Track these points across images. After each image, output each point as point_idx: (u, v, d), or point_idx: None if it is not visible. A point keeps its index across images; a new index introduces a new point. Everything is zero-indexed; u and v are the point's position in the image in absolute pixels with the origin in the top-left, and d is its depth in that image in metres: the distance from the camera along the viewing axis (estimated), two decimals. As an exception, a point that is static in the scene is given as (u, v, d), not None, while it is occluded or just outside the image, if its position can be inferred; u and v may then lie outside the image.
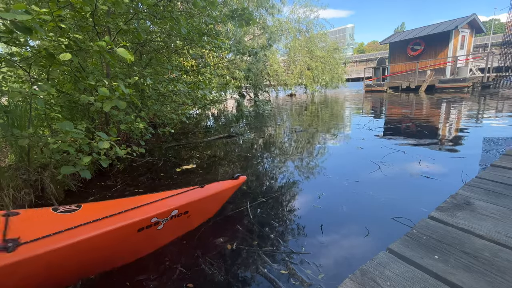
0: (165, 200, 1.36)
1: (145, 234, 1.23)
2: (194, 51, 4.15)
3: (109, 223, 1.10)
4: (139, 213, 1.21)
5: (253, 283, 1.13)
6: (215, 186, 1.61)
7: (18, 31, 1.29)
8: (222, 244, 1.39)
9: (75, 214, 1.15)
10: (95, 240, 1.04)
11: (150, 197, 1.38)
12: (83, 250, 1.03)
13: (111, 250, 1.16)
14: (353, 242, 1.38)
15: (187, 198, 1.42)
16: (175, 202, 1.36)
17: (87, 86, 2.14)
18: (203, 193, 1.51)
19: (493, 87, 11.86)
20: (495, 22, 45.29)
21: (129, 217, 1.17)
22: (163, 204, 1.32)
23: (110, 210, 1.19)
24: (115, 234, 1.11)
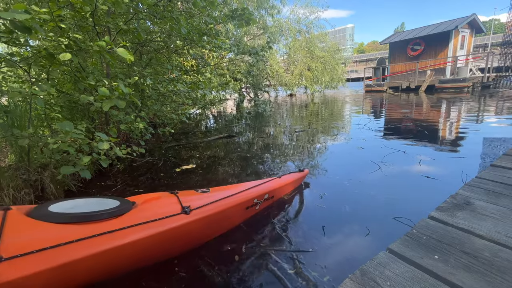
0: (258, 186, 1.69)
1: (247, 212, 1.60)
2: (194, 51, 4.16)
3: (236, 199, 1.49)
4: (246, 195, 1.56)
5: (258, 281, 1.13)
6: (288, 177, 1.99)
7: (17, 31, 1.29)
8: (228, 242, 1.39)
9: (210, 194, 1.49)
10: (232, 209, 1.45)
11: (247, 184, 1.73)
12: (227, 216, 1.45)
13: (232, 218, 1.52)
14: (353, 241, 1.38)
15: (272, 185, 1.77)
16: (265, 188, 1.70)
17: (87, 86, 2.14)
18: (281, 182, 1.87)
19: (493, 87, 11.86)
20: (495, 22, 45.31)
21: (242, 197, 1.52)
22: (258, 189, 1.66)
23: (229, 192, 1.52)
24: (238, 208, 1.50)
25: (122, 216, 1.11)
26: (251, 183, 1.73)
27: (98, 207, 1.10)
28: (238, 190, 1.58)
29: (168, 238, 1.16)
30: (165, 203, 1.31)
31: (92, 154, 1.75)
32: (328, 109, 8.05)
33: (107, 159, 1.83)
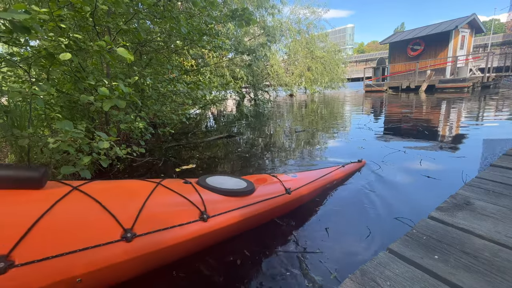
0: (332, 173, 2.03)
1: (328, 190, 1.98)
2: (194, 51, 4.16)
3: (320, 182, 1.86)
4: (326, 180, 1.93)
5: (259, 281, 1.13)
6: (351, 166, 2.32)
7: (16, 31, 1.29)
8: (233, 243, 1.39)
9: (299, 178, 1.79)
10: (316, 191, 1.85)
11: (323, 171, 2.04)
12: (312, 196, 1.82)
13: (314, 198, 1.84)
14: (353, 241, 1.38)
15: (338, 174, 2.10)
16: (335, 175, 2.05)
17: (87, 86, 2.14)
18: (346, 170, 2.21)
19: (493, 87, 11.86)
20: (495, 22, 45.32)
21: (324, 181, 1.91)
22: (332, 175, 2.01)
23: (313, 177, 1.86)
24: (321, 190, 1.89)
25: (253, 193, 1.45)
26: (326, 170, 2.06)
27: (238, 185, 1.45)
28: (320, 174, 1.94)
29: (277, 211, 1.54)
30: (272, 185, 1.62)
31: (92, 154, 1.75)
32: (328, 109, 8.05)
33: (107, 159, 1.83)
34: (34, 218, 0.83)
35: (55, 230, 0.85)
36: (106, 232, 0.92)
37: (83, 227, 0.90)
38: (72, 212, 0.92)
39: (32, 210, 0.86)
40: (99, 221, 0.93)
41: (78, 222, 0.91)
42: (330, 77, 13.85)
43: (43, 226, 0.83)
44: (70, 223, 0.89)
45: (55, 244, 0.82)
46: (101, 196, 1.00)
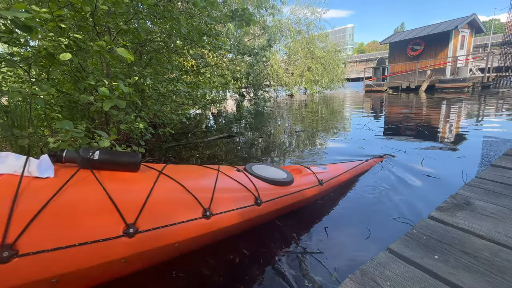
0: (358, 166, 2.23)
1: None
2: (194, 51, 4.15)
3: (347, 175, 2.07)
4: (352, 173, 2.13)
5: (259, 281, 1.13)
6: (371, 161, 2.47)
7: (19, 30, 1.29)
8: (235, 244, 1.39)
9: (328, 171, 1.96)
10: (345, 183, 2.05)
11: (349, 164, 2.23)
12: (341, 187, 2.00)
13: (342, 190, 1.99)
14: (353, 241, 1.39)
15: (362, 168, 2.29)
16: (360, 169, 2.25)
17: (87, 86, 2.14)
18: (368, 165, 2.39)
19: (493, 87, 11.86)
20: (495, 22, 45.33)
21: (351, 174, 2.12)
22: (357, 169, 2.21)
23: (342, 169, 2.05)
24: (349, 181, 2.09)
25: (293, 183, 1.59)
26: (351, 164, 2.24)
27: (280, 175, 1.60)
28: (346, 168, 2.10)
29: (311, 200, 1.72)
30: (307, 176, 1.77)
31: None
32: (328, 109, 8.05)
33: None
34: (146, 194, 1.00)
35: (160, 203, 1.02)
36: (190, 210, 1.08)
37: (173, 204, 1.07)
38: (166, 191, 1.09)
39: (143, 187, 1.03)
40: (183, 201, 1.10)
41: (171, 200, 1.08)
42: (330, 77, 13.86)
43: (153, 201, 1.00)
44: (167, 200, 1.06)
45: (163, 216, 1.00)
46: (182, 179, 1.17)
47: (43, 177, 0.88)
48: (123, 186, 1.01)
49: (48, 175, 0.89)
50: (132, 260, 0.91)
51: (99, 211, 0.87)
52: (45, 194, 0.82)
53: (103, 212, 0.87)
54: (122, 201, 0.93)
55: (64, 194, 0.85)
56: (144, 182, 1.07)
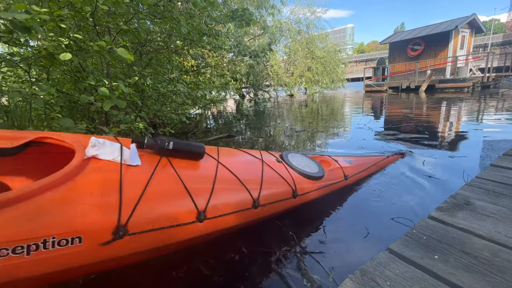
0: (383, 161, 2.36)
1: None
2: (194, 51, 4.16)
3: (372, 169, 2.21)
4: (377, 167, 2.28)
5: (259, 281, 1.13)
6: (392, 157, 2.55)
7: (17, 30, 1.30)
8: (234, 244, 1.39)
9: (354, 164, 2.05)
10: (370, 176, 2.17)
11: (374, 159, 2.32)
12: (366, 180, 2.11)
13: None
14: (353, 242, 1.38)
15: (386, 162, 2.41)
16: (383, 164, 2.37)
17: (87, 86, 2.14)
18: (389, 160, 2.47)
19: (493, 87, 11.86)
20: (495, 22, 45.33)
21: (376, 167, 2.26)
22: (380, 164, 2.31)
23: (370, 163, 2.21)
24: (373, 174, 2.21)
25: (323, 178, 1.69)
26: (374, 159, 2.32)
27: (313, 168, 1.70)
28: (369, 164, 2.20)
29: (337, 193, 1.83)
30: (335, 170, 1.87)
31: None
32: (328, 109, 8.05)
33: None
34: (211, 183, 1.15)
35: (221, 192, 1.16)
36: (243, 201, 1.23)
37: (230, 195, 1.21)
38: (224, 183, 1.22)
39: (207, 177, 1.18)
40: (238, 192, 1.24)
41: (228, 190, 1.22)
42: (330, 77, 13.85)
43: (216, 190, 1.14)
44: (225, 191, 1.20)
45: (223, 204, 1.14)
46: (236, 170, 1.31)
47: (133, 165, 1.00)
48: (193, 174, 1.16)
49: (137, 163, 1.02)
50: (199, 239, 1.11)
51: (177, 198, 1.02)
52: (140, 182, 0.96)
53: (180, 199, 1.02)
54: (194, 189, 1.07)
55: (151, 181, 0.98)
56: (208, 171, 1.21)
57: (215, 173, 1.19)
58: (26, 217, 0.70)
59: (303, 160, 1.77)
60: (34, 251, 0.69)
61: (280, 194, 1.40)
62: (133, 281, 1.16)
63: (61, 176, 0.80)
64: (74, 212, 0.78)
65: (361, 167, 2.06)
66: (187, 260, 1.27)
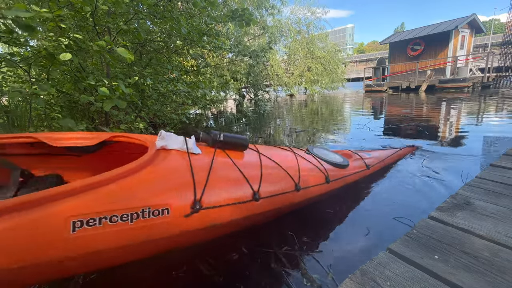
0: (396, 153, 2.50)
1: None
2: (194, 51, 4.15)
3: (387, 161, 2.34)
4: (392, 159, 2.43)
5: (258, 281, 1.13)
6: (406, 149, 2.74)
7: (20, 29, 1.30)
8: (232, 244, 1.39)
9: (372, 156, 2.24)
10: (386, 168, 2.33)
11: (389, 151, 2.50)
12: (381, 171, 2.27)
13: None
14: (353, 241, 1.38)
15: (400, 154, 2.58)
16: (398, 155, 2.53)
17: (87, 86, 2.14)
18: (402, 153, 2.63)
19: (493, 87, 11.86)
20: (495, 22, 45.32)
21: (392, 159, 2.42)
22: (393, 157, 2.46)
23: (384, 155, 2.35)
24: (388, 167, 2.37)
25: (349, 167, 1.86)
26: (389, 151, 2.49)
27: (338, 159, 1.87)
28: (386, 155, 2.38)
29: (360, 181, 1.99)
30: (357, 160, 2.06)
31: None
32: (328, 109, 8.05)
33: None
34: (259, 169, 1.31)
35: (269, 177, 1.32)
36: (287, 184, 1.39)
37: (277, 178, 1.37)
38: (270, 168, 1.39)
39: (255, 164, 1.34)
40: (282, 176, 1.39)
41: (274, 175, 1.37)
42: (330, 77, 13.83)
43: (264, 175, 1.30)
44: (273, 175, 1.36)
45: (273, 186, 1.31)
46: (276, 159, 1.47)
47: (196, 153, 1.17)
48: (242, 161, 1.31)
49: (198, 152, 1.19)
50: (256, 218, 1.27)
51: (235, 180, 1.18)
52: (204, 166, 1.12)
53: (238, 181, 1.18)
54: (246, 173, 1.22)
55: (213, 166, 1.14)
56: (253, 160, 1.37)
57: (260, 161, 1.36)
58: (125, 191, 0.86)
59: (328, 153, 1.94)
60: (135, 219, 0.84)
61: (316, 180, 1.57)
62: (133, 281, 1.16)
63: (142, 162, 0.96)
64: (159, 189, 0.93)
65: (379, 158, 2.24)
66: (187, 260, 1.27)
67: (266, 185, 1.27)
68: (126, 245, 0.84)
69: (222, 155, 1.25)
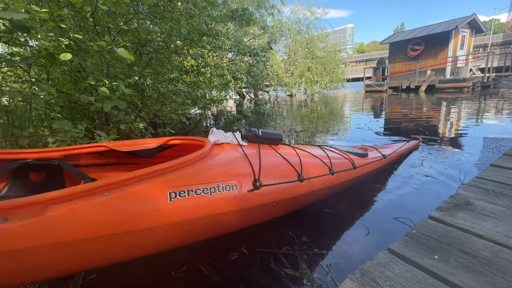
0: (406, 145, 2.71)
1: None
2: (194, 51, 4.15)
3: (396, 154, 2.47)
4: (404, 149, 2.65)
5: (258, 280, 1.13)
6: (413, 142, 2.95)
7: (16, 30, 1.29)
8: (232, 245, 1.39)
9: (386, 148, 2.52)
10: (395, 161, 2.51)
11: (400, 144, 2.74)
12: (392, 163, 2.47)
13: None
14: (353, 241, 1.38)
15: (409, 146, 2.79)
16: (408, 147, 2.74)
17: (87, 86, 2.14)
18: (412, 145, 2.86)
19: (493, 87, 11.86)
20: (495, 22, 45.29)
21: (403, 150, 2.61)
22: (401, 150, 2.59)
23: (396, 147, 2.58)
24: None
25: (368, 156, 2.09)
26: (399, 144, 2.73)
27: (358, 150, 2.11)
28: (398, 146, 2.61)
29: (377, 169, 2.17)
30: (374, 151, 2.29)
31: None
32: (328, 109, 8.05)
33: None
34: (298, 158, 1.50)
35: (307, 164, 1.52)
36: (323, 169, 1.58)
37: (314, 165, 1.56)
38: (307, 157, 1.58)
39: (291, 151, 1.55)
40: (318, 164, 1.59)
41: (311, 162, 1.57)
42: (330, 77, 13.82)
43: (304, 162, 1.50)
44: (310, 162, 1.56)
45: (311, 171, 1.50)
46: (306, 149, 1.68)
47: (243, 145, 1.38)
48: (282, 151, 1.49)
49: (244, 144, 1.40)
50: (301, 199, 1.46)
51: (282, 165, 1.39)
52: (254, 154, 1.33)
53: (283, 165, 1.39)
54: (289, 160, 1.43)
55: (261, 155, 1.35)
56: (289, 150, 1.56)
57: (296, 152, 1.54)
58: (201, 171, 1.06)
59: (347, 147, 2.18)
60: (213, 192, 1.04)
61: (345, 165, 1.77)
62: (133, 281, 1.16)
63: (204, 152, 1.14)
64: (225, 170, 1.14)
65: (392, 150, 2.46)
66: (187, 260, 1.27)
67: (306, 169, 1.46)
68: (208, 215, 1.02)
69: (265, 147, 1.47)
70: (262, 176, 1.23)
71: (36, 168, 1.20)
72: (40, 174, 1.23)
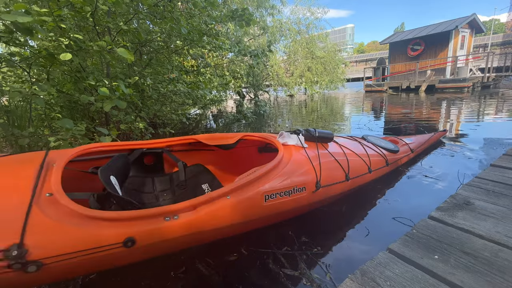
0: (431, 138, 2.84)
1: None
2: (194, 51, 4.15)
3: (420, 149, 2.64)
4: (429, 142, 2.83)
5: (258, 280, 1.13)
6: (439, 133, 3.11)
7: (19, 32, 1.29)
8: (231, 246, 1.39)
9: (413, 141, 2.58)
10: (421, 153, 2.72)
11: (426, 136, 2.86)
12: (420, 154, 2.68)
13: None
14: (353, 242, 1.38)
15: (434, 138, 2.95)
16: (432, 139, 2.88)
17: (87, 86, 2.14)
18: (437, 136, 3.03)
19: (493, 87, 11.85)
20: (495, 22, 45.26)
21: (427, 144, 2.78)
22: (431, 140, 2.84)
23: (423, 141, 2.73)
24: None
25: (399, 152, 2.21)
26: (425, 136, 2.85)
27: (391, 146, 2.23)
28: (424, 139, 2.73)
29: (405, 162, 2.37)
30: (404, 146, 2.42)
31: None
32: (328, 109, 8.05)
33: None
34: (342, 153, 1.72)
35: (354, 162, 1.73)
36: (363, 168, 1.79)
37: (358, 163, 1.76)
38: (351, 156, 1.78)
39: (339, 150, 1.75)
40: (359, 162, 1.78)
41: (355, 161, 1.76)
42: (330, 77, 13.81)
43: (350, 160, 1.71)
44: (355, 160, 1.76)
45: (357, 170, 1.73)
46: (349, 147, 1.86)
47: (305, 147, 1.55)
48: (332, 150, 1.68)
49: (305, 146, 1.57)
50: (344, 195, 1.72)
51: (334, 168, 1.58)
52: (315, 156, 1.51)
53: (336, 167, 1.59)
54: (340, 161, 1.63)
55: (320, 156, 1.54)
56: (337, 150, 1.73)
57: (343, 151, 1.74)
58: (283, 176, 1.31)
59: (380, 140, 2.31)
60: (291, 194, 1.30)
61: (379, 163, 1.95)
62: (133, 281, 1.16)
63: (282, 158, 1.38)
64: (297, 174, 1.36)
65: (419, 143, 2.59)
66: (187, 260, 1.27)
67: (352, 169, 1.66)
68: (286, 210, 1.33)
69: (320, 147, 1.64)
70: (323, 176, 1.45)
71: (148, 154, 1.64)
72: (151, 158, 1.68)
